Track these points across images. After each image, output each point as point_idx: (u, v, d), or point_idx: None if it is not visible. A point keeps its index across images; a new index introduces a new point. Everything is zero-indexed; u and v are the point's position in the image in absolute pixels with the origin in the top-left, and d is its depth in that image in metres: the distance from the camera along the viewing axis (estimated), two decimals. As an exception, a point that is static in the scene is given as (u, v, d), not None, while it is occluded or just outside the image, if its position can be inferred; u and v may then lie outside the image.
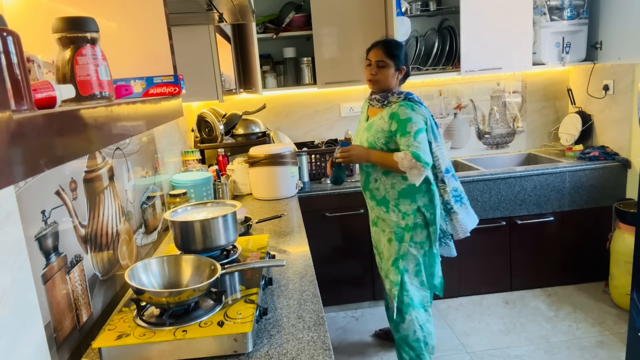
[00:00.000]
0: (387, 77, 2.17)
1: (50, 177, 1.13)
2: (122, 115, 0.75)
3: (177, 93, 1.02)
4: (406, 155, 2.04)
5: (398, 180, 2.18)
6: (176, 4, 1.58)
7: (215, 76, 2.17)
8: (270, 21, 3.26)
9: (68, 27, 0.72)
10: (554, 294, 3.21)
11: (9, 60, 0.47)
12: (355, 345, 2.79)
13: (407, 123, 2.07)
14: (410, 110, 2.09)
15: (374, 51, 2.18)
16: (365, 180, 2.31)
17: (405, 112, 2.09)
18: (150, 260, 1.34)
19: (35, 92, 0.59)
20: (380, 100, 2.19)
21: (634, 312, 2.16)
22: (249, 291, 1.31)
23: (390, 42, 2.21)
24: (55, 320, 1.09)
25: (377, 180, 2.24)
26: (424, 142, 2.08)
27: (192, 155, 2.63)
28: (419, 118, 2.09)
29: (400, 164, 2.05)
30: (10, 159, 0.42)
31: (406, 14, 3.23)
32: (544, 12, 3.17)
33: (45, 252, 1.08)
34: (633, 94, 3.02)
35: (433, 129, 2.19)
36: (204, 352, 1.11)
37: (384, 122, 2.14)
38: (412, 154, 2.03)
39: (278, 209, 2.44)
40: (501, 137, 3.71)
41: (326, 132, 3.55)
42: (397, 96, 2.16)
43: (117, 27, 1.02)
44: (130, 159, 1.75)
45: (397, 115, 2.09)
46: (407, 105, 2.11)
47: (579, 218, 3.17)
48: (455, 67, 3.24)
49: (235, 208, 1.62)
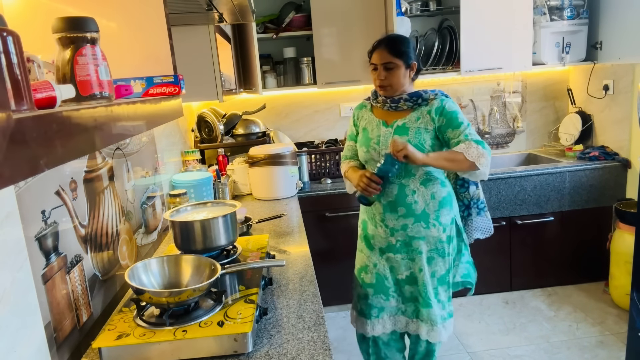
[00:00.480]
0: (399, 79, 1.92)
1: (50, 177, 1.13)
2: (122, 115, 0.75)
3: (177, 93, 1.02)
4: (470, 144, 1.81)
5: (438, 189, 1.97)
6: (176, 4, 1.58)
7: (215, 76, 2.17)
8: (270, 21, 3.26)
9: (68, 27, 0.72)
10: (554, 294, 3.21)
11: (9, 60, 0.47)
12: (355, 345, 2.78)
13: (457, 114, 1.89)
14: (454, 104, 1.94)
15: (378, 52, 1.92)
16: (400, 195, 1.96)
17: (451, 106, 1.91)
18: (150, 260, 1.34)
19: (35, 92, 0.59)
20: (412, 100, 1.94)
21: (634, 312, 2.16)
22: (249, 291, 1.31)
23: (395, 38, 1.95)
24: (55, 320, 1.09)
25: (416, 192, 1.95)
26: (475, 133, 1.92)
27: (192, 155, 2.63)
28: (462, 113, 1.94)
29: (467, 153, 1.79)
30: (10, 159, 0.42)
31: (406, 14, 3.23)
32: (544, 12, 3.17)
33: (45, 252, 1.08)
34: (633, 94, 3.02)
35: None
36: (204, 352, 1.11)
37: (427, 121, 1.91)
38: (475, 142, 1.83)
39: (278, 209, 2.44)
40: (501, 137, 3.71)
41: (326, 132, 3.55)
42: (432, 94, 1.95)
43: (117, 27, 1.02)
44: (130, 159, 1.75)
45: (444, 110, 1.89)
46: (450, 101, 1.94)
47: (579, 218, 3.17)
48: (455, 67, 3.24)
49: (235, 208, 1.62)
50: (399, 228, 1.98)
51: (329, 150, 3.15)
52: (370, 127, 2.02)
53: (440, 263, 2.00)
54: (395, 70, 1.91)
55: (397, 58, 1.90)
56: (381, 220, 2.01)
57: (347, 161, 2.16)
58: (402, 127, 1.94)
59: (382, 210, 2.00)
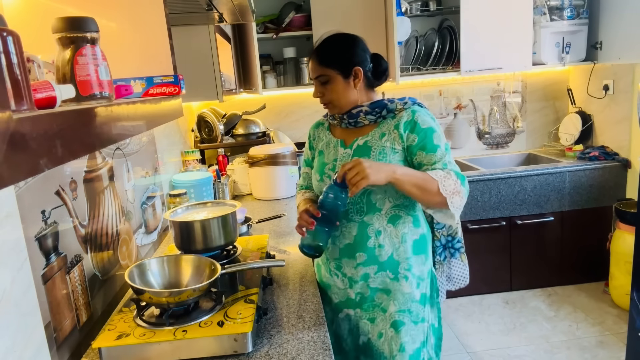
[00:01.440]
0: (339, 93, 1.46)
1: (50, 177, 1.13)
2: (122, 115, 0.75)
3: (177, 93, 1.02)
4: (449, 174, 1.35)
5: (410, 229, 1.47)
6: (176, 4, 1.58)
7: (215, 76, 2.17)
8: (270, 21, 3.26)
9: (68, 27, 0.72)
10: (554, 294, 3.21)
11: (9, 60, 0.47)
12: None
13: (433, 134, 1.41)
14: (431, 119, 1.45)
15: (310, 64, 1.51)
16: (360, 236, 1.45)
17: (426, 120, 1.43)
18: (150, 260, 1.34)
19: (35, 92, 0.59)
20: (374, 112, 1.47)
21: (634, 312, 2.16)
22: (249, 291, 1.31)
23: (325, 43, 1.49)
24: (55, 320, 1.09)
25: (381, 233, 1.44)
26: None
27: (192, 155, 2.63)
28: (438, 126, 1.45)
29: (442, 184, 1.32)
30: (10, 159, 0.42)
31: (406, 14, 3.23)
32: (544, 12, 3.17)
33: (45, 252, 1.08)
34: (633, 94, 3.02)
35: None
36: (204, 352, 1.11)
37: (394, 138, 1.43)
38: (456, 173, 1.37)
39: (278, 209, 2.44)
40: (501, 137, 3.71)
41: (326, 132, 3.54)
42: (400, 103, 1.48)
43: (117, 27, 1.02)
44: (130, 159, 1.75)
45: (415, 125, 1.42)
46: (424, 112, 1.46)
47: (579, 218, 3.17)
48: (455, 67, 3.24)
49: (235, 208, 1.62)
50: (358, 279, 1.48)
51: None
52: (327, 150, 1.57)
53: (412, 332, 1.43)
54: (331, 83, 1.46)
55: (329, 68, 1.45)
56: (336, 267, 1.51)
57: (301, 192, 1.70)
58: (364, 146, 1.47)
59: (337, 255, 1.50)
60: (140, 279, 1.27)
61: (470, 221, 3.09)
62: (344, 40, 1.49)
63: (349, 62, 1.45)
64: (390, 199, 1.44)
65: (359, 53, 1.48)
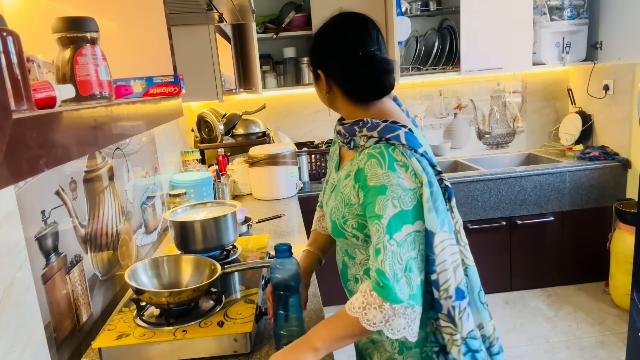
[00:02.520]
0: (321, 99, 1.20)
1: (50, 177, 1.13)
2: (122, 115, 0.75)
3: (177, 93, 1.02)
4: (368, 298, 0.97)
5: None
6: (176, 4, 1.58)
7: (215, 76, 2.17)
8: (270, 21, 3.26)
9: (68, 27, 0.72)
10: (554, 294, 3.20)
11: (8, 60, 0.47)
12: (355, 345, 2.78)
13: (378, 196, 0.99)
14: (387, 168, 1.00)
15: None
16: (343, 273, 1.22)
17: (375, 173, 1.00)
18: (150, 260, 1.34)
19: (35, 92, 0.59)
20: (344, 137, 1.12)
21: (634, 312, 2.16)
22: (249, 291, 1.31)
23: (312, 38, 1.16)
24: (55, 320, 1.09)
25: (359, 281, 1.16)
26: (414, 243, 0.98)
27: (192, 155, 2.63)
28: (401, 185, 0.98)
29: (364, 321, 0.97)
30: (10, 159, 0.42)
31: (406, 14, 3.23)
32: (544, 12, 3.17)
33: (45, 252, 1.08)
34: (633, 94, 3.02)
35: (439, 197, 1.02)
36: (204, 352, 1.11)
37: (351, 187, 1.07)
38: (374, 283, 0.97)
39: (278, 209, 2.44)
40: (501, 137, 3.71)
41: (326, 132, 3.55)
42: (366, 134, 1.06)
43: (117, 27, 1.02)
44: (130, 159, 1.75)
45: (363, 177, 1.03)
46: (382, 156, 1.01)
47: (579, 218, 3.17)
48: (455, 67, 3.24)
49: (235, 208, 1.62)
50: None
51: (329, 151, 3.15)
52: (329, 166, 1.31)
53: None
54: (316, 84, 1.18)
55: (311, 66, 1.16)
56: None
57: (318, 209, 1.41)
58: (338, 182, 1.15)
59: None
60: (140, 279, 1.27)
61: (470, 221, 3.09)
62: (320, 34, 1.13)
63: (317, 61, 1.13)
64: (361, 251, 1.12)
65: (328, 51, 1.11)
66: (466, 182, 3.02)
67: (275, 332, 1.14)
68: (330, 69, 1.10)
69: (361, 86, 1.09)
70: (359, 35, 1.08)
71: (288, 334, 1.12)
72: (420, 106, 3.61)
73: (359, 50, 1.07)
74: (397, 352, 1.14)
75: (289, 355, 1.00)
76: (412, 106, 3.59)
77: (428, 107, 3.62)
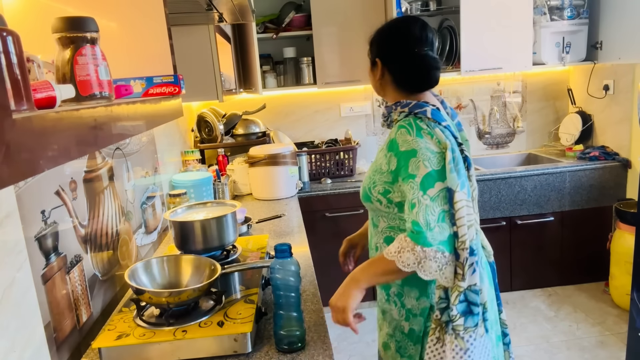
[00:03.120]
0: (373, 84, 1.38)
1: (50, 177, 1.13)
2: (122, 115, 0.75)
3: (177, 93, 1.02)
4: (402, 243, 1.13)
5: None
6: (176, 4, 1.58)
7: (215, 76, 2.17)
8: (270, 21, 3.26)
9: (68, 27, 0.72)
10: (554, 294, 3.21)
11: (8, 60, 0.47)
12: (355, 345, 2.79)
13: (410, 159, 1.16)
14: (415, 135, 1.18)
15: None
16: (370, 245, 1.42)
17: (405, 140, 1.18)
18: (150, 260, 1.34)
19: (35, 92, 0.59)
20: (384, 117, 1.35)
21: (634, 312, 2.16)
22: (249, 291, 1.31)
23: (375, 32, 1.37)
24: (55, 320, 1.09)
25: (378, 250, 1.33)
26: (443, 199, 1.14)
27: (192, 155, 2.63)
28: (429, 148, 1.16)
29: (400, 263, 1.13)
30: (10, 159, 0.42)
31: (406, 13, 3.23)
32: (544, 12, 3.17)
33: (45, 252, 1.08)
34: (633, 94, 3.02)
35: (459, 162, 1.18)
36: (204, 352, 1.11)
37: (384, 156, 1.25)
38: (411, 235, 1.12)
39: (278, 209, 2.44)
40: (501, 137, 3.71)
41: (326, 132, 3.55)
42: (399, 110, 1.26)
43: (117, 27, 1.02)
44: (130, 159, 1.75)
45: (395, 145, 1.20)
46: (410, 126, 1.19)
47: (579, 218, 3.17)
48: (455, 67, 3.24)
49: (235, 208, 1.62)
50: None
51: (329, 150, 3.15)
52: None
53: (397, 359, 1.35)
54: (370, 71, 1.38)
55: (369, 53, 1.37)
56: None
57: None
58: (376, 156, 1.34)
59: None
60: (140, 279, 1.27)
61: (470, 221, 3.09)
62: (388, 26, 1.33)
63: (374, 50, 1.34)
64: (384, 219, 1.29)
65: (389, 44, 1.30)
66: (466, 182, 3.03)
67: (275, 332, 1.15)
68: (388, 59, 1.30)
69: (412, 78, 1.30)
70: (417, 36, 1.28)
71: (288, 334, 1.13)
72: (420, 106, 3.61)
73: (415, 48, 1.28)
74: (404, 319, 1.31)
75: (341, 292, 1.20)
76: (412, 106, 3.59)
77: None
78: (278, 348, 1.14)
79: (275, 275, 1.13)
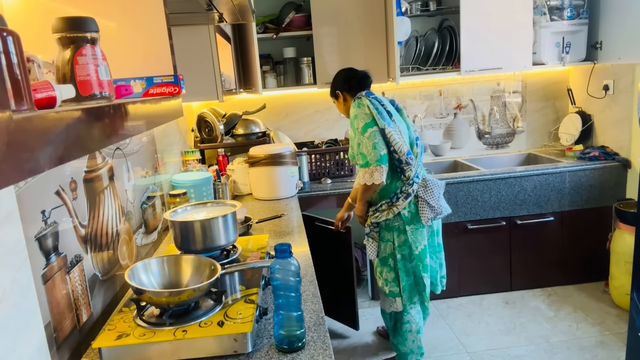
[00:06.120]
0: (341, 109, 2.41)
1: (50, 177, 1.13)
2: (122, 116, 0.75)
3: (177, 93, 1.02)
4: (360, 171, 2.12)
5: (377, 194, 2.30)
6: (176, 4, 1.58)
7: (215, 76, 2.17)
8: (270, 21, 3.26)
9: (68, 27, 0.72)
10: (554, 294, 3.21)
11: (9, 60, 0.47)
12: (355, 345, 2.79)
13: (354, 121, 2.14)
14: (356, 108, 2.15)
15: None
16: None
17: (352, 112, 2.17)
18: (150, 260, 1.34)
19: (35, 92, 0.59)
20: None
21: (634, 312, 2.16)
22: (249, 291, 1.31)
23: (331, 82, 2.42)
24: (55, 320, 1.09)
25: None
26: (374, 135, 2.07)
27: (192, 155, 2.63)
28: (362, 111, 2.12)
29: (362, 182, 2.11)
30: (10, 159, 0.42)
31: (406, 14, 3.23)
32: (544, 12, 3.17)
33: (45, 252, 1.08)
34: (633, 94, 3.02)
35: (383, 114, 2.12)
36: (203, 352, 1.11)
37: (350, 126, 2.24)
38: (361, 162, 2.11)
39: (278, 209, 2.44)
40: (501, 137, 3.71)
41: (326, 132, 3.55)
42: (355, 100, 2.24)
43: (117, 27, 1.02)
44: (130, 159, 1.75)
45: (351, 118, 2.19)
46: (355, 105, 2.17)
47: (579, 218, 3.17)
48: (455, 67, 3.24)
49: (235, 208, 1.62)
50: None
51: (329, 150, 3.15)
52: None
53: (373, 245, 2.33)
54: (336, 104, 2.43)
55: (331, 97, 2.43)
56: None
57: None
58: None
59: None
60: (141, 279, 1.27)
61: (470, 221, 3.09)
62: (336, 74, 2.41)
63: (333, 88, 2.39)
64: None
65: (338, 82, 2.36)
66: (466, 182, 3.02)
67: (275, 332, 1.15)
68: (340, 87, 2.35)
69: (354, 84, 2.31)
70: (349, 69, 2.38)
71: (288, 334, 1.13)
72: (420, 106, 3.61)
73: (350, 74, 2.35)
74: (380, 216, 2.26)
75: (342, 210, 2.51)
76: (412, 106, 3.59)
77: (428, 107, 3.62)
78: (278, 348, 1.15)
79: (275, 275, 1.14)
